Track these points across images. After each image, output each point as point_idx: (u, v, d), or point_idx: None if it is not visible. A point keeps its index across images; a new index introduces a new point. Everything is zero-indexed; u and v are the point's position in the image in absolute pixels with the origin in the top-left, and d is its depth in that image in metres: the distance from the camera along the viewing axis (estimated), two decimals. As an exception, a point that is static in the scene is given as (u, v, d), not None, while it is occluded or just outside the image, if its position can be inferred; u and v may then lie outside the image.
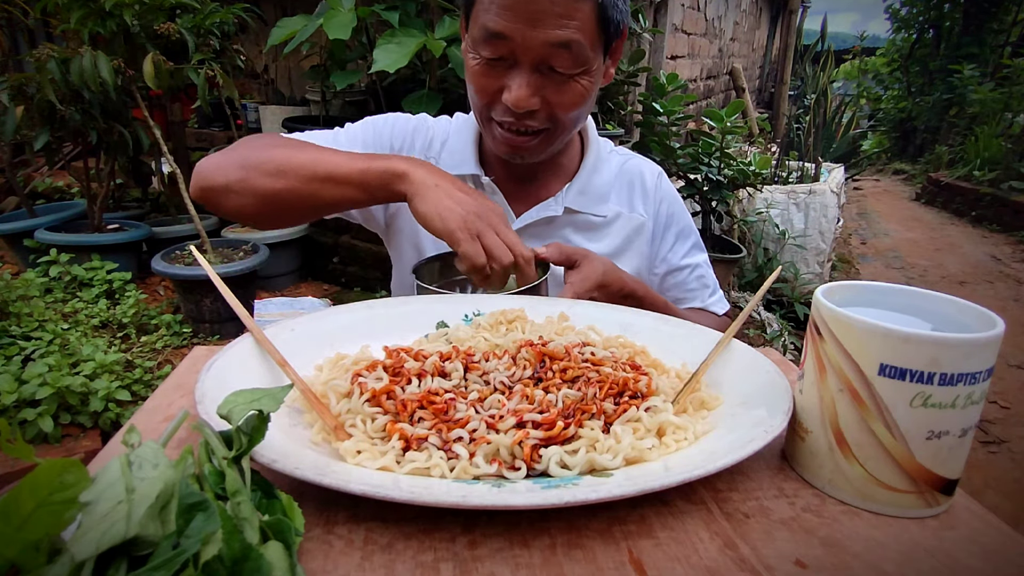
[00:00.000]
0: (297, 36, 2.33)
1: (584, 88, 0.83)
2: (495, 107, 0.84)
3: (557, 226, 0.99)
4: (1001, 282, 4.33)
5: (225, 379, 0.52)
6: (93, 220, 2.93)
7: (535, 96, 0.81)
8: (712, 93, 5.71)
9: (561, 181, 1.01)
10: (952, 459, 0.44)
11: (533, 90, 0.80)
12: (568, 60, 0.79)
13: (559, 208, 0.97)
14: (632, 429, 0.51)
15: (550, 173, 1.00)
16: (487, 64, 0.81)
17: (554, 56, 0.78)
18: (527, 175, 0.99)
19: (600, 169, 1.01)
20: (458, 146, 0.99)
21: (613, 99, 3.19)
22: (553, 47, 0.77)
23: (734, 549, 0.41)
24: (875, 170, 8.78)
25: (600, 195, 1.00)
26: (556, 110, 0.83)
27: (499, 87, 0.82)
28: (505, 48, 0.78)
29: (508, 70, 0.81)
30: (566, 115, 0.85)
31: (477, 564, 0.39)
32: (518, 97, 0.80)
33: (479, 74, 0.83)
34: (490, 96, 0.84)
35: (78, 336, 2.22)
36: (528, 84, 0.80)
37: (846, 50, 13.43)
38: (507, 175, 0.99)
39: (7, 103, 2.54)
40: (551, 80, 0.81)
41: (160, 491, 0.33)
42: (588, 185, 0.99)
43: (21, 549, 0.29)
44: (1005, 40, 8.13)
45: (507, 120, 0.84)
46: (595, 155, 1.01)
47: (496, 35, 0.78)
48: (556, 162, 0.99)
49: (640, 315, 0.73)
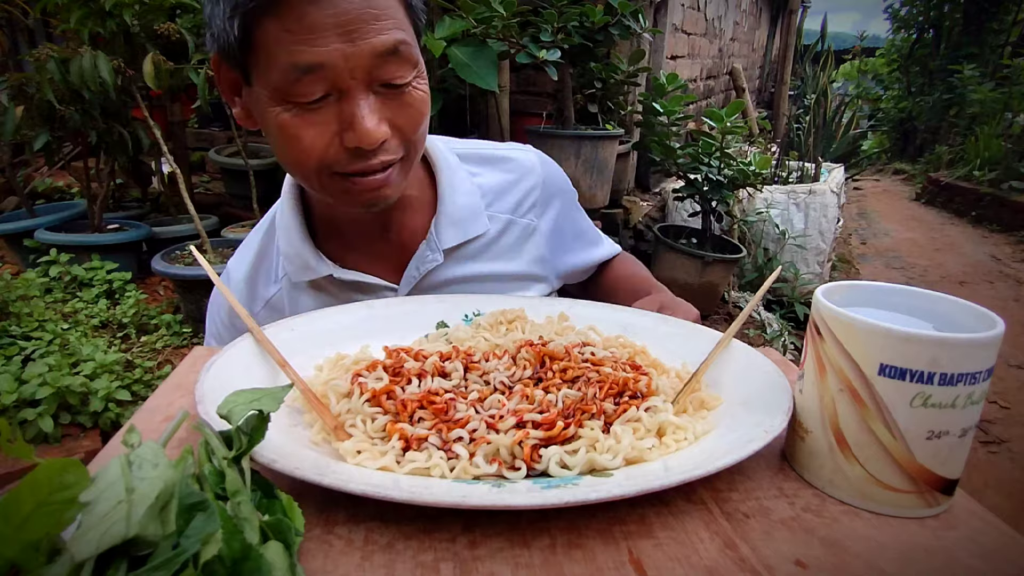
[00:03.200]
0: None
1: (424, 93, 0.70)
2: (336, 159, 0.67)
3: (441, 273, 0.84)
4: (1001, 282, 4.33)
5: (225, 379, 0.52)
6: (93, 220, 2.93)
7: (383, 123, 0.66)
8: (712, 93, 5.71)
9: (419, 215, 0.84)
10: (952, 459, 0.44)
11: (379, 116, 0.66)
12: (400, 67, 0.65)
13: (437, 255, 0.82)
14: (632, 429, 0.51)
15: (405, 213, 0.83)
16: (307, 111, 0.64)
17: (385, 67, 0.64)
18: (380, 227, 0.82)
19: (458, 185, 0.85)
20: (289, 251, 0.82)
21: (613, 99, 3.19)
22: (381, 57, 0.63)
23: (734, 549, 0.41)
24: (875, 170, 8.78)
25: (471, 213, 0.85)
26: (407, 132, 0.69)
27: (332, 132, 0.66)
28: (325, 81, 0.63)
29: (335, 106, 0.65)
30: (416, 133, 0.71)
31: (477, 564, 0.39)
32: (367, 130, 0.64)
33: (299, 126, 0.65)
34: (324, 148, 0.66)
35: (78, 336, 2.22)
36: (371, 111, 0.65)
37: (846, 50, 13.43)
38: (359, 243, 0.83)
39: (7, 103, 2.54)
40: (388, 98, 0.67)
41: (160, 491, 0.33)
42: (455, 211, 0.83)
43: (21, 549, 0.29)
44: (1005, 40, 8.13)
45: (357, 167, 0.67)
46: (447, 171, 0.85)
47: (310, 68, 0.61)
48: (406, 197, 0.81)
49: (640, 315, 0.73)
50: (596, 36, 2.51)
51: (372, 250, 0.84)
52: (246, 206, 3.37)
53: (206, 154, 4.09)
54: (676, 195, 3.37)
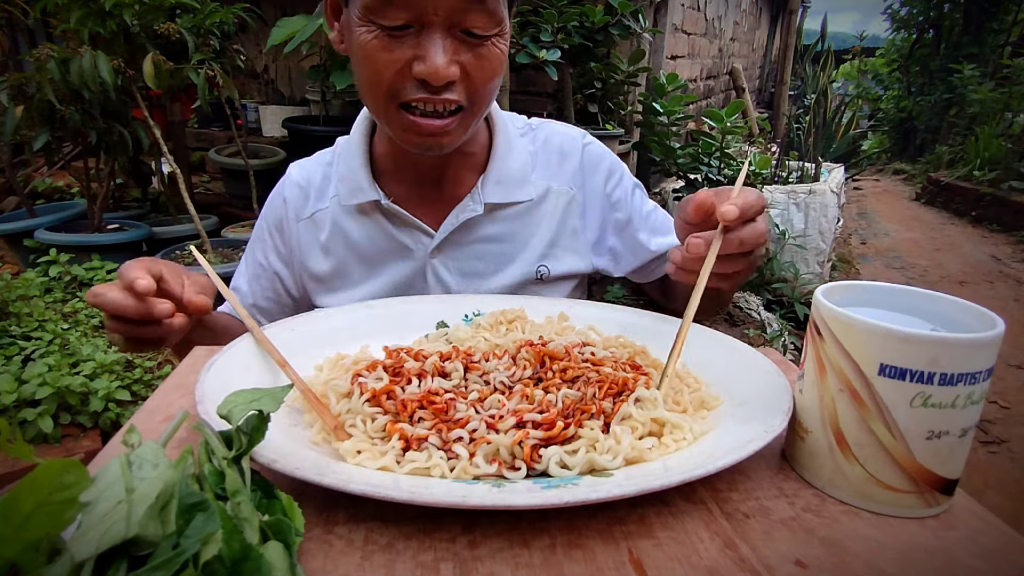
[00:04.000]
0: (297, 36, 2.33)
1: (501, 52, 0.73)
2: (403, 86, 0.71)
3: (479, 226, 0.88)
4: (1001, 282, 4.33)
5: (225, 379, 0.52)
6: (93, 220, 2.93)
7: (454, 64, 0.70)
8: (712, 93, 5.71)
9: (472, 174, 0.89)
10: (952, 459, 0.44)
11: (450, 57, 0.69)
12: (484, 18, 0.69)
13: (478, 207, 0.86)
14: (631, 429, 0.51)
15: (460, 168, 0.88)
16: (387, 35, 0.69)
17: (468, 16, 0.68)
18: (434, 177, 0.88)
19: (513, 150, 0.89)
20: (347, 172, 0.88)
21: (613, 99, 3.19)
22: (466, 3, 0.67)
23: (734, 549, 0.41)
24: (875, 170, 8.78)
25: (519, 179, 0.89)
26: (475, 81, 0.72)
27: (406, 60, 0.69)
28: (409, 12, 0.67)
29: (416, 38, 0.69)
30: (485, 88, 0.74)
31: (477, 564, 0.39)
32: (436, 66, 0.68)
33: (379, 49, 0.69)
34: (396, 73, 0.70)
35: (78, 336, 2.22)
36: (444, 50, 0.68)
37: (846, 50, 13.43)
38: (412, 184, 0.88)
39: (7, 103, 2.54)
40: (466, 45, 0.70)
41: (160, 491, 0.33)
42: (504, 171, 0.88)
43: (21, 549, 0.29)
44: (1005, 40, 8.12)
45: (420, 97, 0.71)
46: (505, 135, 0.89)
47: None
48: (464, 152, 0.87)
49: (640, 315, 0.74)
50: (596, 36, 2.51)
51: (421, 194, 0.89)
52: (246, 206, 3.37)
53: (206, 154, 4.10)
54: (676, 195, 3.37)
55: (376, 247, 0.89)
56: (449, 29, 0.69)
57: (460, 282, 0.90)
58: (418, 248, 0.88)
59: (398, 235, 0.88)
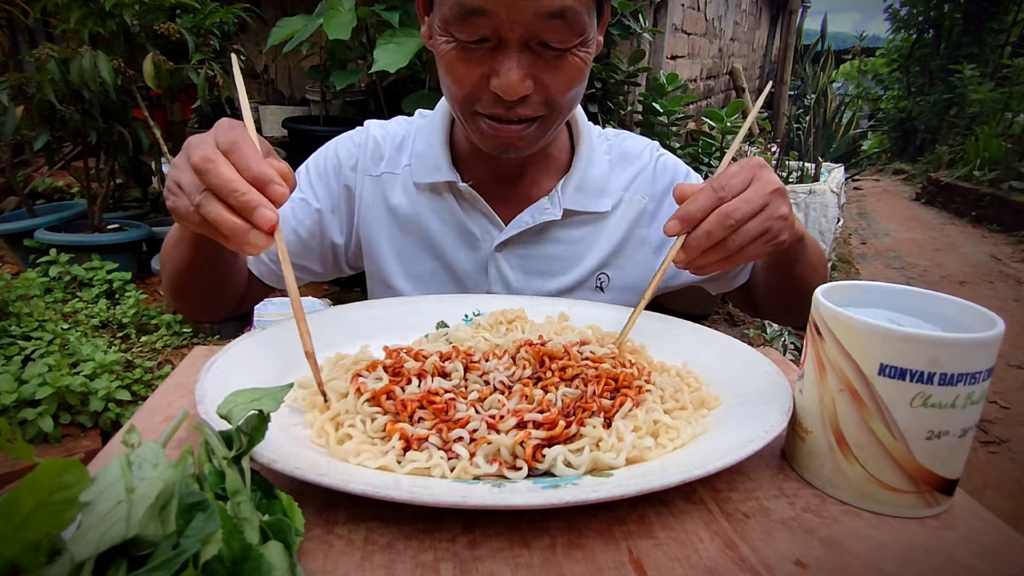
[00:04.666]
0: (297, 36, 2.33)
1: (582, 62, 0.72)
2: (480, 98, 0.72)
3: (552, 229, 0.87)
4: (1001, 282, 4.32)
5: (225, 379, 0.52)
6: (93, 220, 2.93)
7: (528, 79, 0.69)
8: (712, 93, 5.71)
9: (553, 177, 0.88)
10: (952, 459, 0.44)
11: (525, 72, 0.69)
12: (563, 31, 0.67)
13: (556, 211, 0.85)
14: (633, 427, 0.51)
15: (540, 168, 0.88)
16: (465, 48, 0.69)
17: (546, 29, 0.67)
18: (514, 173, 0.87)
19: (595, 158, 0.89)
20: (426, 149, 0.87)
21: (613, 99, 3.19)
22: (545, 18, 0.66)
23: (734, 549, 0.41)
24: (875, 170, 8.78)
25: (599, 188, 0.88)
26: (552, 93, 0.72)
27: (482, 73, 0.70)
28: (487, 26, 0.66)
29: (492, 52, 0.69)
30: (563, 97, 0.73)
31: (477, 564, 0.39)
32: (509, 83, 0.68)
33: (456, 61, 0.70)
34: (472, 85, 0.71)
35: (78, 336, 2.22)
36: (519, 65, 0.68)
37: (846, 50, 13.43)
38: (489, 176, 0.87)
39: (7, 103, 2.54)
40: (543, 58, 0.69)
41: (160, 491, 0.33)
42: (585, 179, 0.87)
43: (21, 549, 0.29)
44: (1005, 40, 8.12)
45: (495, 111, 0.72)
46: (588, 142, 0.89)
47: (475, 11, 0.66)
48: (546, 154, 0.87)
49: (640, 315, 0.73)
50: (596, 36, 2.51)
51: (497, 190, 0.87)
52: (246, 206, 3.35)
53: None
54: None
55: (442, 229, 0.87)
56: (525, 42, 0.68)
57: (522, 280, 0.88)
58: (485, 239, 0.87)
59: (467, 222, 0.87)
